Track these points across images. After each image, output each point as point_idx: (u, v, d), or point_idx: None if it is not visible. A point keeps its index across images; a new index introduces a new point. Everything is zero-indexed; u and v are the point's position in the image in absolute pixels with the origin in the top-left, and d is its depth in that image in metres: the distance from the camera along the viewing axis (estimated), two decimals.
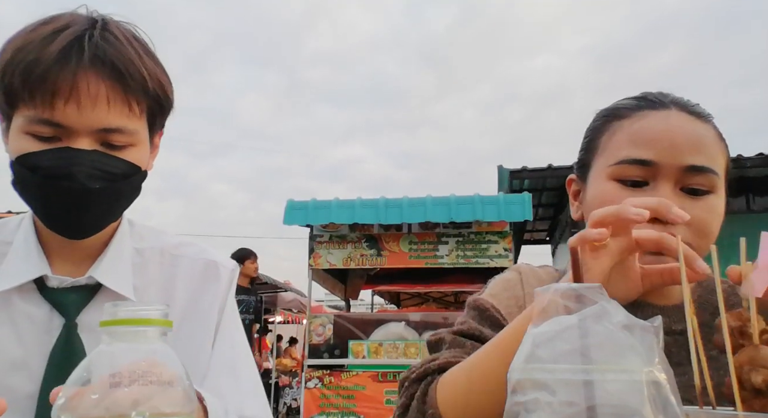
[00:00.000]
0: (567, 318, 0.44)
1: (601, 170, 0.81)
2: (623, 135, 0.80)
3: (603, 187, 0.80)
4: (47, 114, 0.77)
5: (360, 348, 5.78)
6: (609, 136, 0.82)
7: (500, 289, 0.92)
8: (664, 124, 0.78)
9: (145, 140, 0.87)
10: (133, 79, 0.81)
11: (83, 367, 0.44)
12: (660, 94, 0.83)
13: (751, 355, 0.50)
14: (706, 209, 0.76)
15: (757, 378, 0.48)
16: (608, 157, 0.80)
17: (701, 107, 0.82)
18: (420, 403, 0.75)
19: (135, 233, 0.97)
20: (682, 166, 0.75)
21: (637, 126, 0.79)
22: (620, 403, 0.40)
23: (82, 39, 0.79)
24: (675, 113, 0.79)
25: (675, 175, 0.76)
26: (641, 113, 0.80)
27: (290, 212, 6.01)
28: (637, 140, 0.78)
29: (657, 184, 0.76)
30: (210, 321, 0.95)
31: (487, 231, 5.96)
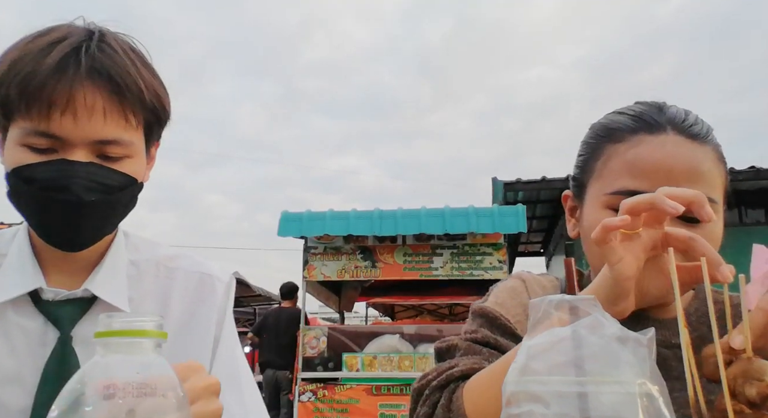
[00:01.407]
0: (561, 330, 0.45)
1: (596, 197, 0.80)
2: (618, 162, 0.79)
3: (598, 216, 0.78)
4: (43, 126, 0.77)
5: (354, 361, 5.75)
6: (604, 161, 0.81)
7: (506, 297, 0.91)
8: (661, 152, 0.76)
9: (141, 152, 0.87)
10: (129, 91, 0.81)
11: (77, 379, 0.44)
12: (656, 112, 0.80)
13: (744, 368, 0.50)
14: (704, 237, 0.74)
15: (751, 391, 0.48)
16: (603, 184, 0.80)
17: (699, 124, 0.79)
18: (446, 411, 0.72)
19: (130, 245, 0.97)
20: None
21: (632, 154, 0.78)
22: (614, 415, 0.41)
23: (79, 51, 0.79)
24: (672, 139, 0.77)
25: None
26: (637, 138, 0.78)
27: (285, 224, 6.00)
28: (633, 170, 0.76)
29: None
30: (206, 335, 0.95)
31: (481, 243, 5.96)
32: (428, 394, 0.76)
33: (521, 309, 0.88)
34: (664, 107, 0.81)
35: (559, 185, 6.24)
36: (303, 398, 5.68)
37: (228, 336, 0.98)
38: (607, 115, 0.86)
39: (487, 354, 0.81)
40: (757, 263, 0.52)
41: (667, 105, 0.82)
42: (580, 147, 0.88)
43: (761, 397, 0.48)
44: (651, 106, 0.82)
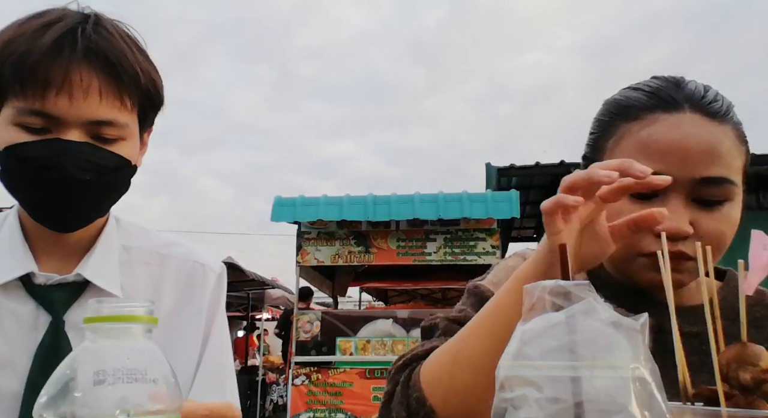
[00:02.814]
0: (554, 315, 0.45)
1: None
2: (632, 142, 0.75)
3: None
4: (38, 105, 0.77)
5: (347, 345, 5.78)
6: (616, 140, 0.78)
7: (503, 276, 0.89)
8: (677, 132, 0.72)
9: (135, 135, 0.86)
10: (126, 73, 0.81)
11: (66, 364, 0.44)
12: (674, 88, 0.76)
13: (738, 352, 0.50)
14: (720, 219, 0.72)
15: (745, 375, 0.48)
16: None
17: (719, 101, 0.75)
18: (404, 388, 0.73)
19: (122, 230, 0.96)
20: (695, 178, 0.71)
21: (646, 133, 0.74)
22: (607, 399, 0.41)
23: (75, 32, 0.79)
24: (689, 117, 0.73)
25: (687, 188, 0.72)
26: (652, 117, 0.74)
27: (278, 209, 5.99)
28: (647, 151, 0.73)
29: (668, 197, 0.72)
30: (197, 324, 0.95)
31: (474, 228, 5.98)
32: (393, 373, 0.77)
33: None
34: (681, 83, 0.77)
35: (553, 171, 6.24)
36: (296, 382, 5.72)
37: (219, 332, 0.97)
38: (621, 91, 0.82)
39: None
40: (756, 250, 0.51)
41: (685, 80, 0.78)
42: (592, 125, 0.84)
43: (755, 382, 0.47)
44: (668, 82, 0.78)
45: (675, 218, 0.70)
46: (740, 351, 0.50)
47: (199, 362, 0.93)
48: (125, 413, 0.42)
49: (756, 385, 0.47)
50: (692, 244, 0.71)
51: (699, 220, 0.72)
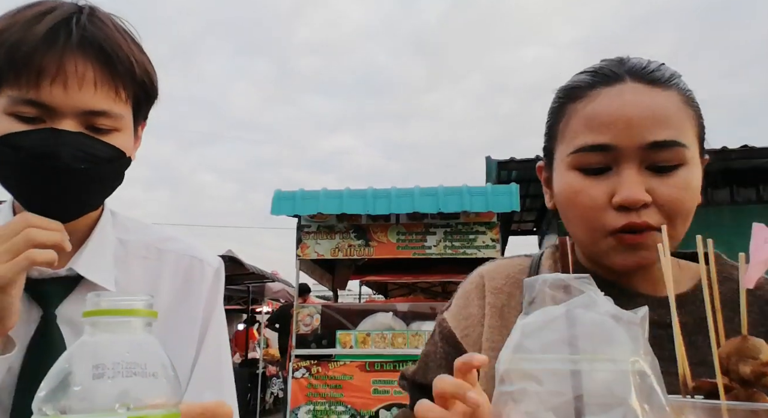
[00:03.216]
0: (555, 308, 0.45)
1: (562, 160, 0.77)
2: (578, 119, 0.75)
3: (566, 179, 0.76)
4: (32, 94, 0.76)
5: (347, 338, 5.79)
6: (566, 121, 0.77)
7: (461, 305, 0.90)
8: (618, 101, 0.72)
9: (129, 127, 0.86)
10: (121, 63, 0.80)
11: (65, 358, 0.44)
12: (616, 64, 0.76)
13: (738, 346, 0.50)
14: (676, 184, 0.71)
15: (745, 369, 0.48)
16: (567, 145, 0.76)
17: (662, 70, 0.75)
18: None
19: (118, 224, 0.95)
20: (642, 144, 0.70)
21: (590, 108, 0.74)
22: (607, 392, 0.41)
23: (69, 21, 0.78)
24: (630, 86, 0.73)
25: (638, 156, 0.71)
26: (594, 92, 0.75)
27: (278, 202, 5.99)
28: (592, 124, 0.73)
29: (620, 168, 0.71)
30: (194, 319, 0.95)
31: (474, 222, 5.97)
32: None
33: (470, 321, 0.86)
34: (625, 59, 0.77)
35: None
36: (297, 375, 5.73)
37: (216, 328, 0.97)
38: (571, 77, 0.82)
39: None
40: (757, 243, 0.51)
41: (629, 57, 0.78)
42: (547, 115, 0.84)
43: (755, 375, 0.47)
44: (612, 60, 0.78)
45: (630, 187, 0.69)
46: (740, 344, 0.50)
47: (196, 358, 0.93)
48: (125, 406, 0.42)
49: (756, 378, 0.47)
50: (654, 213, 0.70)
51: (655, 187, 0.70)
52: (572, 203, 0.75)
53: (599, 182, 0.72)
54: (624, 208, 0.70)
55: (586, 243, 0.78)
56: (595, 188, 0.72)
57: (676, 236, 0.73)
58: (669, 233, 0.70)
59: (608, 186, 0.72)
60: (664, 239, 0.53)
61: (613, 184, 0.71)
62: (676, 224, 0.72)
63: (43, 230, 0.73)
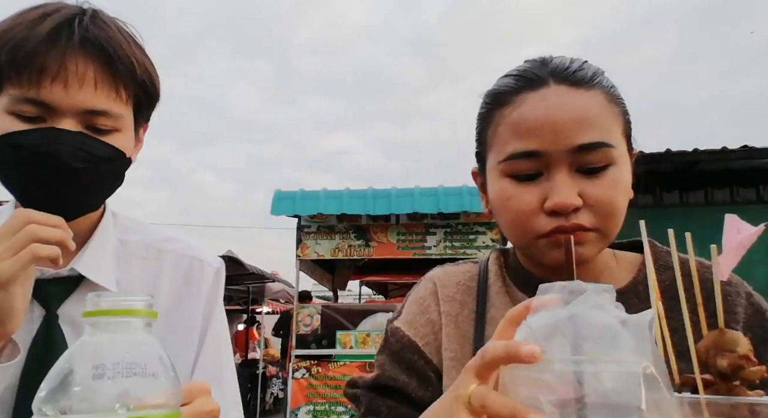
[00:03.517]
0: (561, 310, 0.44)
1: (493, 167, 0.77)
2: (506, 126, 0.75)
3: (498, 186, 0.76)
4: (33, 93, 0.77)
5: (347, 338, 5.79)
6: (494, 128, 0.78)
7: (416, 312, 0.87)
8: (544, 107, 0.72)
9: (130, 127, 0.86)
10: (122, 63, 0.81)
11: (65, 358, 0.44)
12: (539, 66, 0.77)
13: (715, 339, 0.50)
14: (606, 185, 0.71)
15: (722, 362, 0.47)
16: (497, 152, 0.76)
17: (585, 69, 0.75)
18: None
19: (119, 224, 0.96)
20: (570, 148, 0.70)
21: (516, 115, 0.74)
22: (616, 397, 0.40)
23: (72, 22, 0.79)
24: (554, 90, 0.73)
25: (566, 160, 0.71)
26: (520, 97, 0.75)
27: (278, 202, 5.99)
28: (520, 131, 0.73)
29: (550, 173, 0.72)
30: (194, 319, 0.95)
31: (474, 222, 5.98)
32: None
33: (429, 328, 0.85)
34: (547, 60, 0.78)
35: None
36: (297, 375, 5.74)
37: (217, 327, 0.97)
38: (497, 80, 0.81)
39: (385, 412, 0.80)
40: (729, 234, 0.50)
41: (552, 57, 0.78)
42: (476, 120, 0.84)
43: (732, 368, 0.47)
44: (534, 62, 0.79)
45: (561, 191, 0.70)
46: (717, 338, 0.49)
47: (196, 358, 0.93)
48: (125, 407, 0.42)
49: (733, 371, 0.47)
50: (587, 214, 0.71)
51: (586, 189, 0.71)
52: (505, 209, 0.76)
53: (531, 188, 0.73)
54: (555, 212, 0.71)
55: (521, 246, 0.80)
56: (527, 194, 0.73)
57: (609, 235, 0.74)
58: (602, 233, 0.72)
59: (540, 191, 0.72)
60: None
61: (544, 189, 0.72)
62: (608, 224, 0.72)
63: (45, 226, 0.72)
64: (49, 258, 0.71)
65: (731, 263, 0.50)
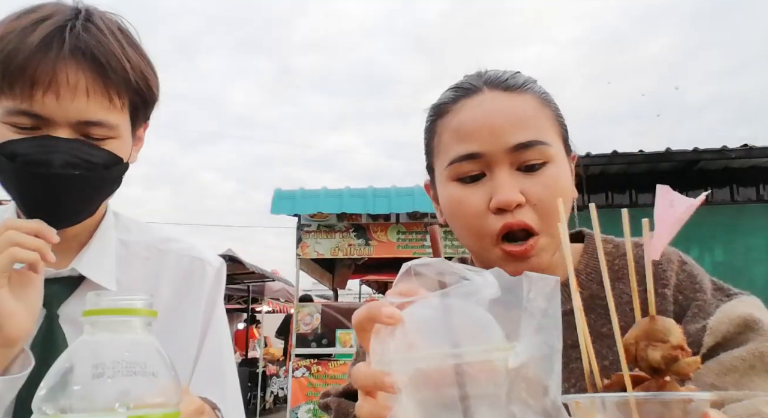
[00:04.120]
0: (432, 299, 0.44)
1: (441, 173, 0.81)
2: (447, 133, 0.79)
3: (447, 191, 0.79)
4: (26, 105, 0.76)
5: (347, 337, 5.79)
6: (438, 137, 0.82)
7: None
8: (480, 111, 0.77)
9: (126, 134, 0.85)
10: (113, 71, 0.79)
11: (65, 357, 0.44)
12: (475, 77, 0.81)
13: (646, 328, 0.43)
14: (545, 182, 0.74)
15: (655, 355, 0.41)
16: (442, 159, 0.80)
17: (517, 77, 0.80)
18: None
19: (120, 225, 0.96)
20: (507, 148, 0.74)
21: (455, 121, 0.78)
22: (487, 386, 0.40)
23: (63, 29, 0.78)
24: (488, 96, 0.78)
25: (506, 159, 0.74)
26: (458, 106, 0.79)
27: (278, 202, 5.99)
28: (459, 136, 0.77)
29: (493, 173, 0.75)
30: (194, 319, 0.95)
31: None
32: None
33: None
34: (482, 72, 0.82)
35: None
36: (297, 374, 5.74)
37: (217, 326, 0.97)
38: (439, 95, 0.86)
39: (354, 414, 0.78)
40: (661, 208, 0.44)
41: (487, 70, 0.83)
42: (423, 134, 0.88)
43: (666, 360, 0.41)
44: (470, 75, 0.83)
45: (503, 189, 0.73)
46: (648, 327, 0.43)
47: (197, 357, 0.93)
48: (125, 406, 0.42)
49: (667, 364, 0.41)
50: (529, 212, 0.73)
51: (527, 187, 0.74)
52: (456, 213, 0.78)
53: (476, 189, 0.76)
54: (500, 210, 0.73)
55: (476, 251, 0.81)
56: (474, 195, 0.76)
57: (554, 235, 0.74)
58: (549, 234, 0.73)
59: (485, 192, 0.75)
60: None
61: (489, 188, 0.75)
62: (551, 219, 0.74)
63: (24, 233, 0.73)
64: (28, 262, 0.71)
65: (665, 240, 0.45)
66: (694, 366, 0.41)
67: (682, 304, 0.76)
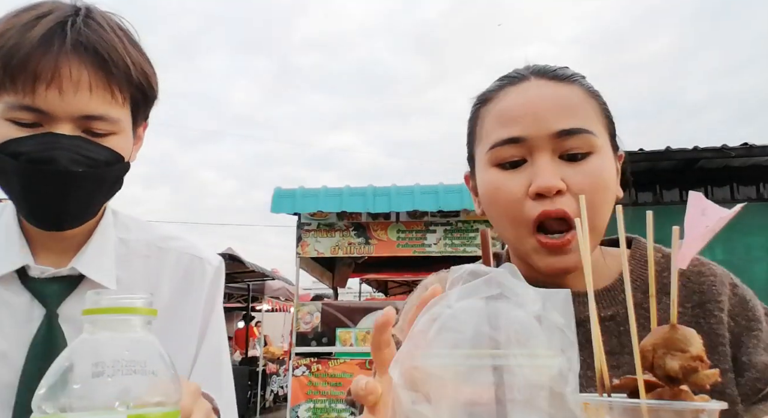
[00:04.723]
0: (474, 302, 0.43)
1: (481, 159, 0.79)
2: (491, 118, 0.78)
3: (486, 177, 0.77)
4: (28, 100, 0.76)
5: (347, 336, 5.80)
6: (481, 123, 0.80)
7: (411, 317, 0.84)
8: (524, 96, 0.76)
9: (128, 129, 0.85)
10: (116, 66, 0.80)
11: (65, 356, 0.44)
12: (522, 68, 0.81)
13: (666, 336, 0.42)
14: (588, 172, 0.72)
15: (673, 364, 0.41)
16: (484, 144, 0.78)
17: (565, 70, 0.79)
18: None
19: (119, 223, 0.95)
20: (551, 133, 0.72)
21: (499, 107, 0.77)
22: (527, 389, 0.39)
23: (64, 25, 0.78)
24: (534, 83, 0.77)
25: (549, 145, 0.73)
26: (503, 92, 0.78)
27: (278, 200, 5.99)
28: (503, 120, 0.76)
29: (534, 159, 0.73)
30: (194, 317, 0.95)
31: (475, 220, 5.98)
32: None
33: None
34: (529, 64, 0.81)
35: None
36: (297, 373, 5.74)
37: (216, 326, 0.97)
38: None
39: None
40: (692, 216, 0.44)
41: (534, 64, 0.82)
42: (467, 125, 0.87)
43: (684, 370, 0.40)
44: (517, 67, 0.82)
45: (544, 175, 0.71)
46: (668, 335, 0.42)
47: (196, 356, 0.93)
48: (125, 404, 0.42)
49: (685, 374, 0.40)
50: (570, 201, 0.70)
51: (568, 176, 0.72)
52: (494, 199, 0.76)
53: (516, 175, 0.74)
54: (540, 196, 0.71)
55: (512, 241, 0.78)
56: (513, 181, 0.74)
57: (595, 229, 0.73)
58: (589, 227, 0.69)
59: (525, 178, 0.73)
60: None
61: (529, 175, 0.73)
62: (592, 215, 0.71)
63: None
64: None
65: (694, 249, 0.44)
66: (712, 378, 0.41)
67: (734, 331, 0.75)
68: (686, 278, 0.78)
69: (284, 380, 10.38)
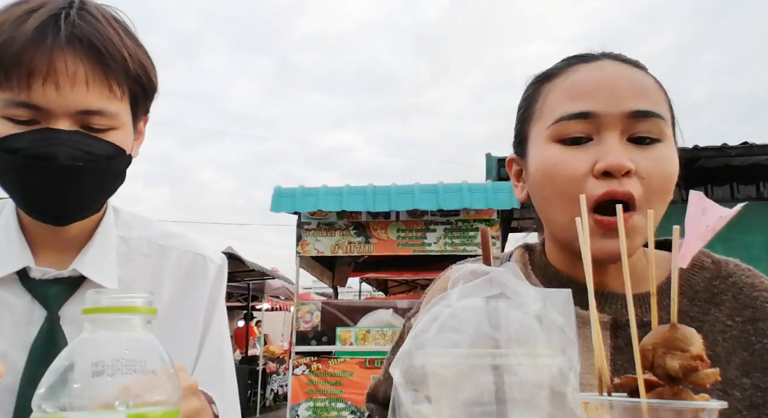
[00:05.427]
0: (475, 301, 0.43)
1: (539, 135, 0.74)
2: (557, 92, 0.73)
3: (545, 153, 0.72)
4: (24, 96, 0.74)
5: (347, 335, 5.79)
6: (543, 99, 0.76)
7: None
8: (600, 72, 0.72)
9: (127, 124, 0.84)
10: (113, 59, 0.78)
11: (65, 355, 0.44)
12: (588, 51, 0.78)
13: (666, 336, 0.42)
14: (658, 158, 0.69)
15: (673, 363, 0.41)
16: (545, 119, 0.73)
17: (636, 59, 0.76)
18: None
19: (121, 221, 0.94)
20: (625, 113, 0.68)
21: (570, 80, 0.73)
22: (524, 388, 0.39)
23: (57, 18, 0.76)
24: (609, 62, 0.73)
25: (619, 125, 0.69)
26: (573, 68, 0.74)
27: (278, 199, 5.98)
28: (573, 93, 0.71)
29: (601, 137, 0.69)
30: (196, 316, 0.94)
31: (474, 219, 5.97)
32: None
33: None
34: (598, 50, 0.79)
35: None
36: (297, 372, 5.74)
37: (218, 324, 0.97)
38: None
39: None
40: (693, 215, 0.43)
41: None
42: (519, 104, 0.82)
43: (684, 370, 0.41)
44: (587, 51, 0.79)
45: (613, 153, 0.67)
46: (669, 335, 0.42)
47: (198, 355, 0.93)
48: (124, 404, 0.42)
49: (685, 374, 0.41)
50: (636, 184, 0.67)
51: (637, 158, 0.68)
52: (552, 177, 0.71)
53: (581, 152, 0.70)
54: (607, 174, 0.67)
55: (564, 223, 0.72)
56: (577, 158, 0.70)
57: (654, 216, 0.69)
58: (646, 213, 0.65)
59: (590, 155, 0.69)
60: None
61: (595, 153, 0.69)
62: (655, 200, 0.69)
63: None
64: None
65: (694, 248, 0.43)
66: (713, 378, 0.41)
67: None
68: (738, 289, 0.75)
69: (284, 379, 10.38)
